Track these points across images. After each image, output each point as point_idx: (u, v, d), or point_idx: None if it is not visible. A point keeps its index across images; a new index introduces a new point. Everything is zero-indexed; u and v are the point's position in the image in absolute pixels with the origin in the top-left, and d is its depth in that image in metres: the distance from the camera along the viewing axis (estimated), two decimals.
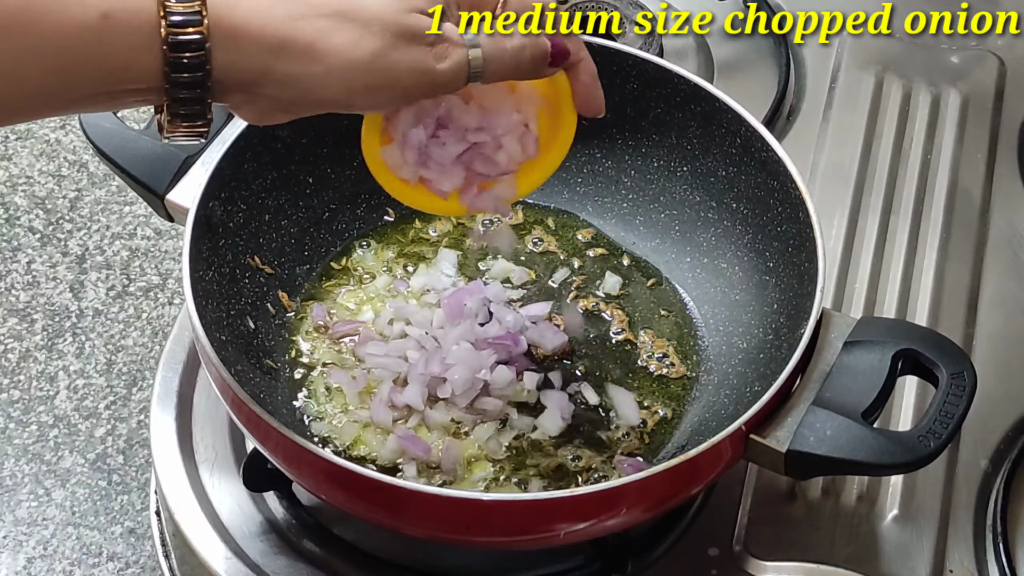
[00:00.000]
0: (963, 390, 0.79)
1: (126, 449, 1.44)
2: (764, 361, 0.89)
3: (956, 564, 0.87)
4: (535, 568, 0.88)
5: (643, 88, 0.97)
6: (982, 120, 1.14)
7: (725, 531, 0.89)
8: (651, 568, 0.88)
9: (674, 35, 1.18)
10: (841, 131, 1.12)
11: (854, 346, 0.82)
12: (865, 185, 1.09)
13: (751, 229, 0.95)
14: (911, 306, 1.01)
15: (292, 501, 0.91)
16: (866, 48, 1.18)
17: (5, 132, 1.74)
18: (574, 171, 1.02)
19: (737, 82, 1.16)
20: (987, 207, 1.08)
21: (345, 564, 0.88)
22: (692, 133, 0.97)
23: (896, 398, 0.94)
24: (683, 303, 0.97)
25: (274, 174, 0.95)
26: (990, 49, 1.19)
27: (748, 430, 0.79)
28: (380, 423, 0.88)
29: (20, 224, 1.64)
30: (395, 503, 0.77)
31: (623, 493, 0.77)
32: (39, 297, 1.57)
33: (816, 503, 0.90)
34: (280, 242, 0.96)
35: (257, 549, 0.89)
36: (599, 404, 0.91)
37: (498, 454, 0.87)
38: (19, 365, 1.50)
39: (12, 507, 1.40)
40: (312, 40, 0.67)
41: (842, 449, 0.78)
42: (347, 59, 0.68)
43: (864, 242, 1.05)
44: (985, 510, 0.90)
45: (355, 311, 0.95)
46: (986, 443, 0.93)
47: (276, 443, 0.79)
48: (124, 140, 0.97)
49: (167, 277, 1.59)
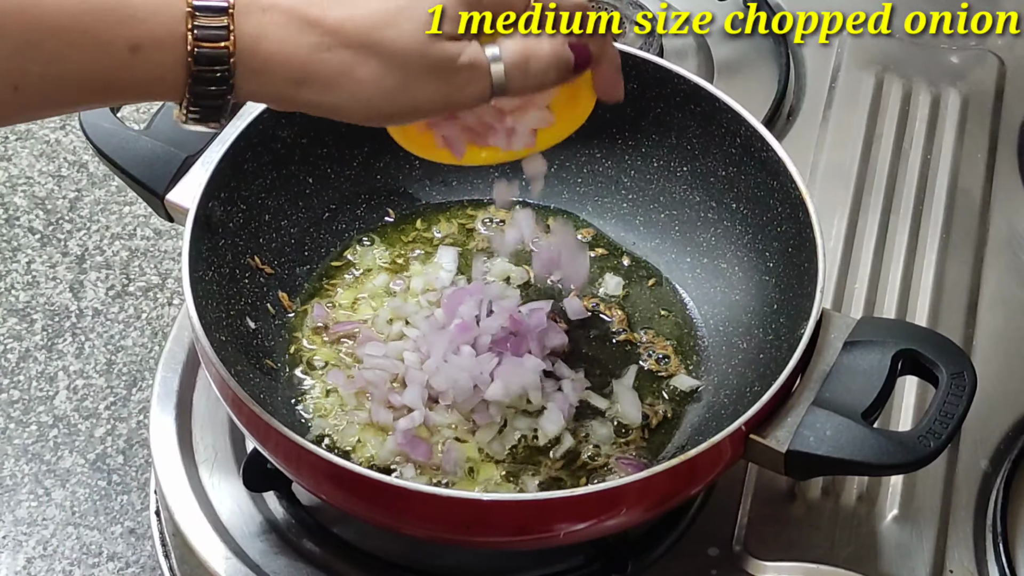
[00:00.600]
0: (963, 390, 0.79)
1: (126, 449, 1.44)
2: (764, 361, 0.89)
3: (956, 564, 0.87)
4: (535, 568, 0.88)
5: (643, 88, 0.97)
6: (982, 120, 1.14)
7: (725, 531, 0.89)
8: (651, 568, 0.88)
9: (674, 35, 1.18)
10: (841, 131, 1.12)
11: (854, 346, 0.82)
12: (865, 185, 1.09)
13: (751, 229, 0.95)
14: (911, 306, 1.01)
15: (292, 501, 0.91)
16: (866, 48, 1.18)
17: (5, 132, 1.73)
18: (574, 171, 1.02)
19: (737, 82, 1.16)
20: (987, 207, 1.08)
21: (345, 564, 0.88)
22: (692, 133, 0.97)
23: (896, 398, 0.94)
24: (683, 303, 0.97)
25: (274, 174, 0.95)
26: (990, 49, 1.19)
27: (748, 430, 0.79)
28: (379, 423, 0.88)
29: (20, 224, 1.64)
30: (395, 503, 0.77)
31: (623, 493, 0.77)
32: (39, 297, 1.56)
33: (816, 503, 0.90)
34: (280, 242, 0.96)
35: (257, 549, 0.89)
36: (599, 404, 0.91)
37: (500, 456, 0.87)
38: (19, 365, 1.50)
39: (12, 507, 1.39)
40: (336, 73, 0.68)
41: (842, 449, 0.78)
42: (370, 92, 0.69)
43: (864, 242, 1.05)
44: (985, 510, 0.90)
45: (355, 311, 0.95)
46: (986, 443, 0.93)
47: (276, 443, 0.79)
48: (124, 140, 0.96)
49: (167, 277, 1.59)
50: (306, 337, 0.94)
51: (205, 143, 0.97)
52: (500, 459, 0.87)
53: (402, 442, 0.86)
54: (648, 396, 0.92)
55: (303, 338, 0.93)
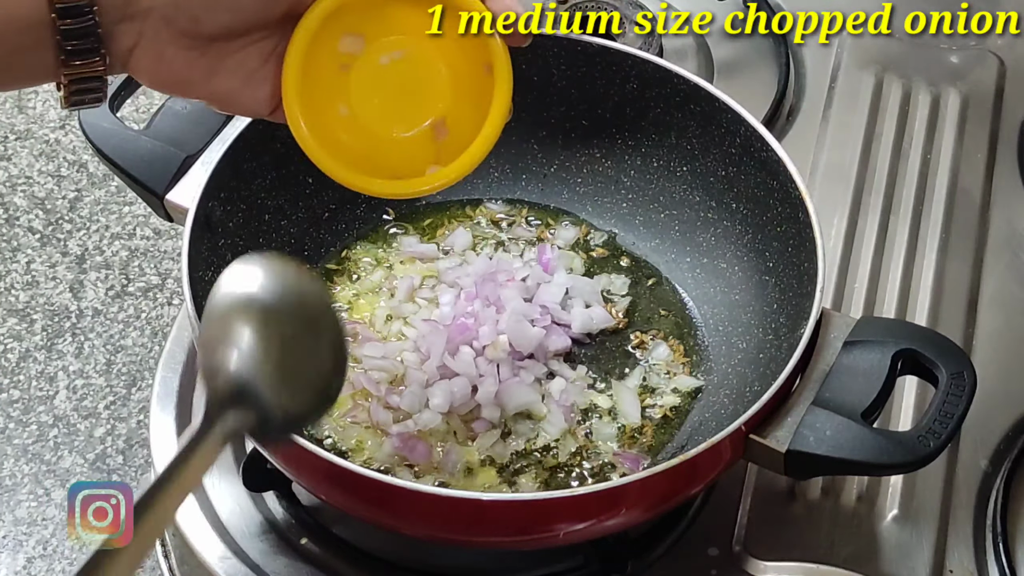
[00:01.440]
0: (963, 390, 0.79)
1: (126, 449, 1.44)
2: (764, 361, 0.89)
3: (956, 564, 0.87)
4: (535, 568, 0.88)
5: (643, 88, 0.97)
6: (982, 120, 1.14)
7: (725, 531, 0.89)
8: (651, 568, 0.88)
9: (674, 35, 1.18)
10: (841, 131, 1.12)
11: (854, 346, 0.82)
12: (865, 185, 1.09)
13: (751, 229, 0.95)
14: (911, 306, 1.01)
15: (292, 501, 0.91)
16: (866, 48, 1.18)
17: (5, 132, 1.73)
18: (574, 171, 1.02)
19: (737, 82, 1.16)
20: (987, 207, 1.08)
21: (345, 564, 0.88)
22: (692, 133, 0.97)
23: (896, 398, 0.94)
24: (683, 303, 0.97)
25: (274, 174, 0.95)
26: (990, 49, 1.19)
27: (748, 430, 0.79)
28: (378, 424, 0.88)
29: (20, 224, 1.64)
30: (395, 503, 0.77)
31: (623, 493, 0.77)
32: (39, 297, 1.56)
33: (816, 503, 0.90)
34: (280, 242, 0.96)
35: (257, 549, 0.89)
36: (599, 405, 0.91)
37: (503, 459, 0.87)
38: (19, 365, 1.50)
39: (12, 507, 1.39)
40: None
41: (842, 449, 0.78)
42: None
43: (864, 242, 1.05)
44: (985, 510, 0.90)
45: (354, 311, 0.95)
46: (986, 443, 0.93)
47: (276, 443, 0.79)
48: (123, 140, 0.96)
49: (166, 277, 1.59)
50: None
51: (205, 143, 0.97)
52: (502, 462, 0.87)
53: (399, 446, 0.86)
54: (648, 396, 0.92)
55: None
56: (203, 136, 0.97)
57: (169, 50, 0.74)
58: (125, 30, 0.72)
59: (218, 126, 0.97)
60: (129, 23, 0.72)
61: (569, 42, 0.97)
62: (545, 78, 0.98)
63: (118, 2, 0.71)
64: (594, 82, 0.98)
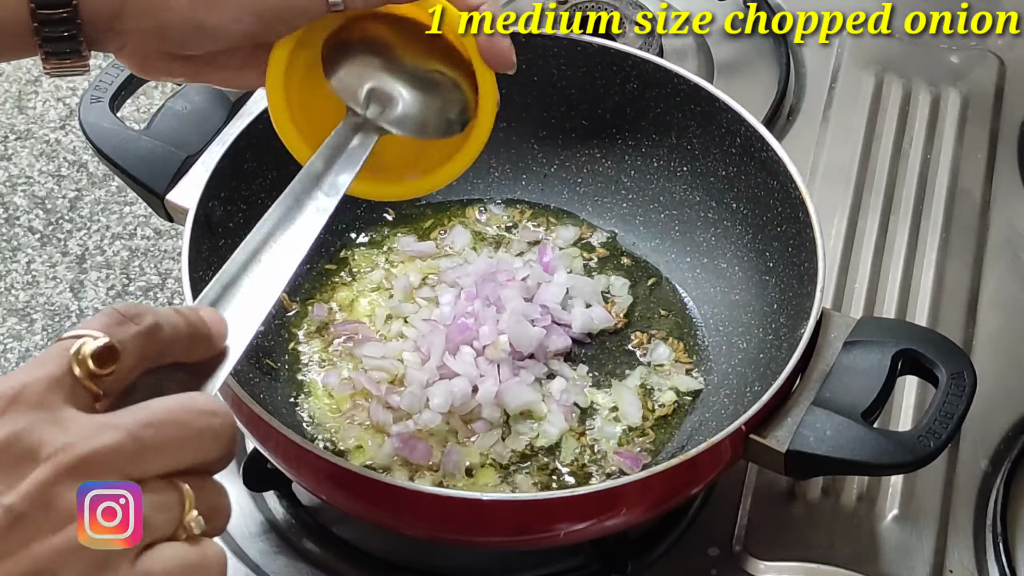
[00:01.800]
0: (963, 390, 0.79)
1: None
2: (764, 361, 0.89)
3: (956, 564, 0.87)
4: (535, 568, 0.88)
5: (643, 88, 0.97)
6: (982, 120, 1.14)
7: (725, 531, 0.89)
8: (651, 568, 0.88)
9: (674, 35, 1.18)
10: (841, 131, 1.12)
11: (854, 346, 0.82)
12: (865, 185, 1.09)
13: (751, 229, 0.95)
14: (911, 306, 1.01)
15: (292, 501, 0.91)
16: (866, 48, 1.18)
17: (5, 132, 1.74)
18: (574, 171, 1.02)
19: (737, 82, 1.16)
20: (987, 207, 1.08)
21: (345, 564, 0.88)
22: (692, 133, 0.97)
23: (896, 398, 0.94)
24: (683, 303, 0.97)
25: (274, 174, 0.95)
26: (990, 49, 1.19)
27: (748, 430, 0.79)
28: (378, 424, 0.88)
29: (20, 224, 1.64)
30: (395, 503, 0.77)
31: (623, 493, 0.77)
32: (39, 297, 1.57)
33: (816, 503, 0.90)
34: None
35: (257, 549, 0.89)
36: (600, 405, 0.91)
37: (504, 460, 0.87)
38: (19, 365, 1.50)
39: None
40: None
41: (842, 449, 0.78)
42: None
43: (864, 242, 1.05)
44: (985, 510, 0.90)
45: (354, 310, 0.95)
46: (986, 443, 0.93)
47: (276, 443, 0.79)
48: (124, 140, 0.97)
49: (167, 277, 1.59)
50: (306, 337, 0.93)
51: (205, 143, 0.97)
52: (503, 463, 0.87)
53: (399, 446, 0.86)
54: (648, 396, 0.92)
55: (303, 338, 0.93)
56: (203, 136, 0.97)
57: (153, 58, 0.75)
58: (110, 38, 0.74)
59: (218, 126, 0.97)
60: (114, 35, 0.74)
61: (569, 42, 0.98)
62: (545, 78, 0.98)
63: (103, 17, 0.72)
64: (594, 82, 0.98)
